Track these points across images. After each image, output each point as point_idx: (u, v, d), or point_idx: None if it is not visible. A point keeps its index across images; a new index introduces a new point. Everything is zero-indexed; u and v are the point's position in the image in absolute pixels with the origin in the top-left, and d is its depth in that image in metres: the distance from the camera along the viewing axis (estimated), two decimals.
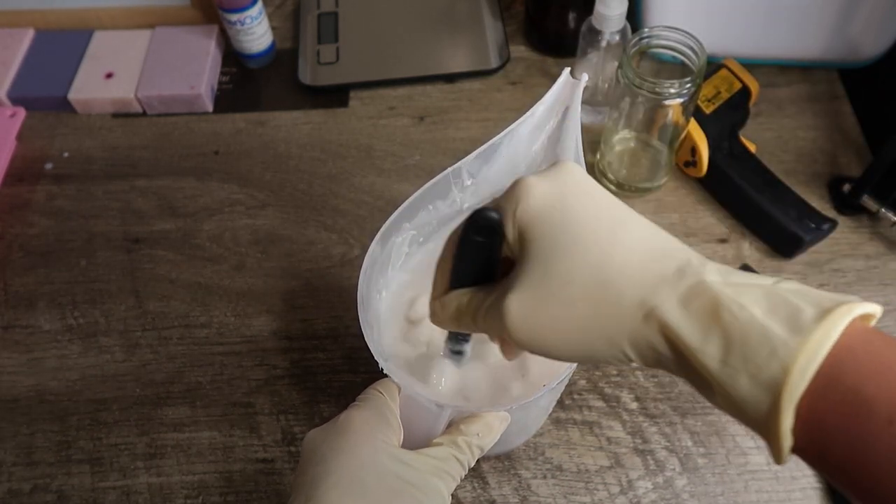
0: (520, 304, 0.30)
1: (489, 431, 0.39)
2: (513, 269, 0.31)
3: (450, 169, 0.46)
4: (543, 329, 0.29)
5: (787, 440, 0.25)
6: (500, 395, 0.48)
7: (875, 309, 0.26)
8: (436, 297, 0.36)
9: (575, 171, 0.31)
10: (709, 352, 0.26)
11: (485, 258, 0.33)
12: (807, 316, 0.25)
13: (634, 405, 0.54)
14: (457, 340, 0.40)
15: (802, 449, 0.25)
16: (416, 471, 0.36)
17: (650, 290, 0.28)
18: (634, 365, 0.56)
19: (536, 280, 0.29)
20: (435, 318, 0.36)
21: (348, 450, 0.35)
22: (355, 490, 0.34)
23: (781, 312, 0.26)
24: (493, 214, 0.31)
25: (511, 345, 0.36)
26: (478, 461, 0.52)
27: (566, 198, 0.30)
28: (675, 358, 0.28)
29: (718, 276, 0.27)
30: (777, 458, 0.26)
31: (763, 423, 0.26)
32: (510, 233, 0.31)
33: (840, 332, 0.25)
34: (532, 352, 0.31)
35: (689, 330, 0.27)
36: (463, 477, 0.39)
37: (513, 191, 0.31)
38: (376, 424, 0.37)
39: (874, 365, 0.24)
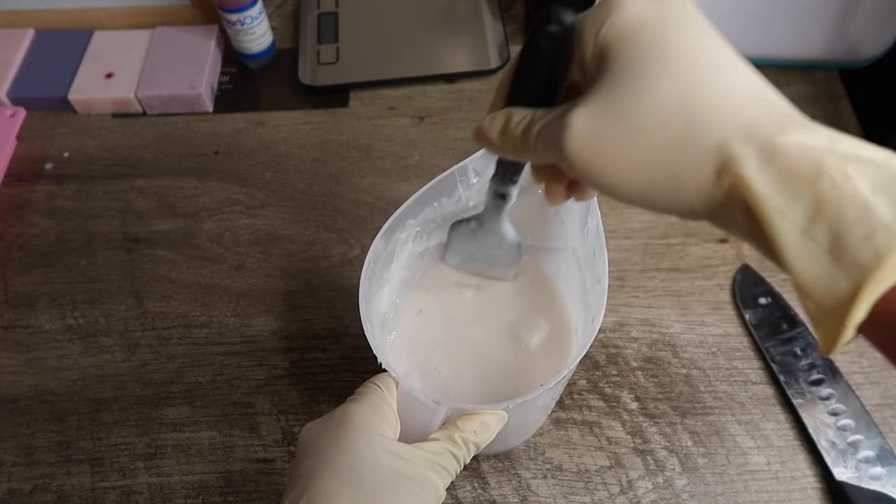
0: (586, 121, 0.26)
1: (486, 429, 0.39)
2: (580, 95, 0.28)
3: (456, 166, 0.46)
4: (605, 156, 0.26)
5: (848, 334, 0.22)
6: (498, 392, 0.48)
7: None
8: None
9: None
10: (791, 216, 0.23)
11: (548, 73, 0.29)
12: None
13: (634, 405, 0.55)
14: (504, 179, 0.37)
15: (880, 337, 0.23)
16: (412, 464, 0.36)
17: (741, 134, 0.24)
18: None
19: (611, 99, 0.26)
20: (480, 135, 0.33)
21: (345, 442, 0.35)
22: (351, 482, 0.34)
23: (892, 193, 0.22)
24: (568, 17, 0.27)
25: (557, 185, 0.33)
26: (478, 461, 0.52)
27: (666, 16, 0.26)
28: (746, 218, 0.24)
29: (825, 139, 0.24)
30: (828, 347, 0.23)
31: (828, 310, 0.23)
32: (589, 49, 0.27)
33: None
34: (586, 180, 0.27)
35: (771, 187, 0.23)
36: (458, 472, 0.39)
37: (602, 7, 0.27)
38: (373, 418, 0.37)
39: None
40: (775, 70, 0.73)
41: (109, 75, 0.73)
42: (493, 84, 0.74)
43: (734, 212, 0.25)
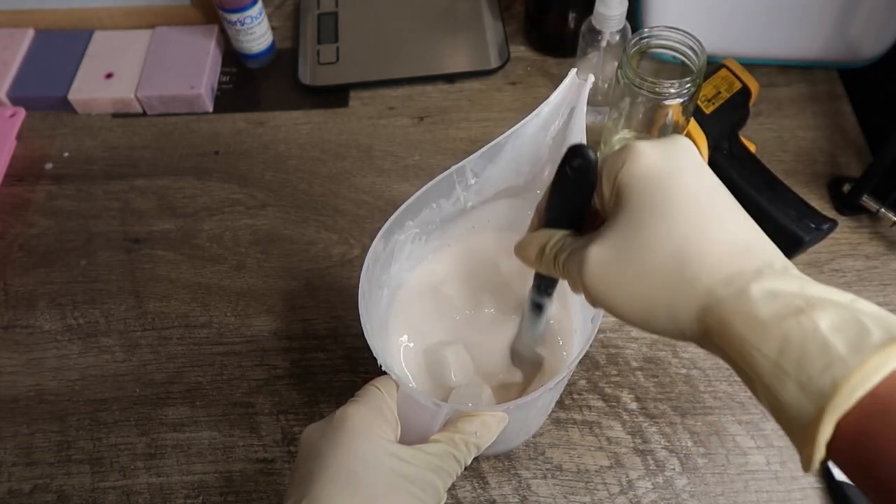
0: (599, 257, 0.31)
1: (487, 430, 0.40)
2: (602, 224, 0.32)
3: (454, 167, 0.46)
4: (614, 287, 0.30)
5: (820, 452, 0.25)
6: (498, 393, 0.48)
7: None
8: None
9: (687, 148, 0.32)
10: (764, 350, 0.27)
11: (574, 198, 0.34)
12: (873, 338, 0.25)
13: (634, 405, 0.54)
14: (539, 291, 0.41)
15: (844, 459, 0.26)
16: (413, 466, 0.36)
17: (723, 281, 0.28)
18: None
19: (621, 239, 0.30)
20: (520, 251, 0.37)
21: (345, 444, 0.35)
22: (351, 485, 0.34)
23: (849, 330, 0.26)
24: (591, 153, 0.31)
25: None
26: (478, 461, 0.52)
27: (672, 170, 0.31)
28: (729, 351, 0.28)
29: (796, 285, 0.28)
30: (806, 466, 0.26)
31: (800, 431, 0.26)
32: (607, 189, 0.32)
33: None
34: (598, 305, 0.32)
35: (747, 326, 0.27)
36: (459, 475, 0.39)
37: (622, 152, 0.31)
38: (373, 420, 0.37)
39: None
40: (775, 70, 0.73)
41: (109, 75, 0.73)
42: (493, 84, 0.74)
43: (718, 342, 0.29)
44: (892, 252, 0.62)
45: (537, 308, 0.43)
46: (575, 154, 0.31)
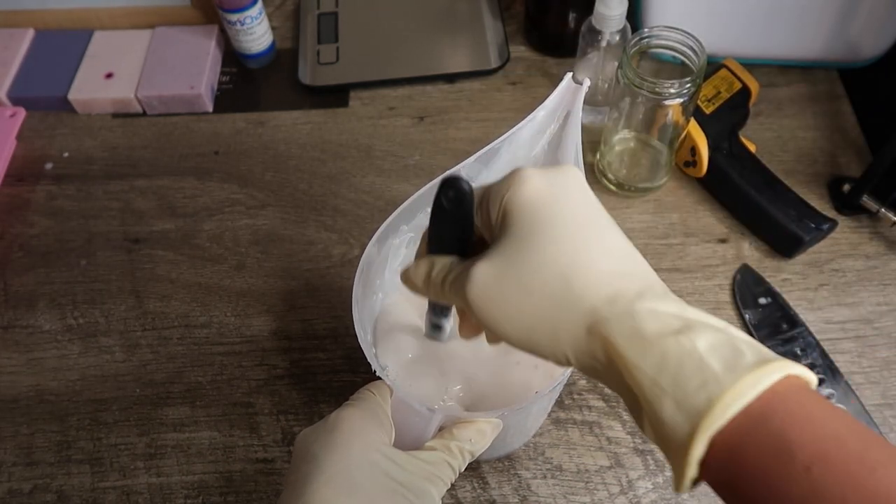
0: (485, 274, 0.31)
1: (482, 437, 0.40)
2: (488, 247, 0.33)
3: (449, 172, 0.46)
4: (498, 306, 0.30)
5: (692, 469, 0.26)
6: (495, 398, 0.48)
7: (811, 377, 0.27)
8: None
9: (574, 176, 0.33)
10: (643, 367, 0.27)
11: (455, 226, 0.34)
12: (746, 360, 0.26)
13: None
14: (436, 312, 0.41)
15: (716, 478, 0.26)
16: (408, 473, 0.36)
17: (607, 300, 0.29)
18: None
19: (506, 257, 0.30)
20: (406, 279, 0.37)
21: (340, 448, 0.35)
22: (346, 487, 0.34)
23: (723, 352, 0.27)
24: (463, 184, 0.32)
25: (468, 321, 0.38)
26: (478, 461, 0.52)
27: (557, 197, 0.31)
28: (610, 371, 0.29)
29: (675, 307, 0.29)
30: (678, 485, 0.27)
31: (675, 449, 0.27)
32: (494, 213, 0.32)
33: (774, 380, 0.25)
34: (483, 324, 0.32)
35: (629, 343, 0.28)
36: (453, 481, 0.39)
37: (509, 177, 0.32)
38: (368, 423, 0.37)
39: (802, 414, 0.25)
40: (775, 70, 0.73)
41: (109, 75, 0.73)
42: (493, 84, 0.74)
43: (599, 364, 0.29)
44: (892, 252, 0.62)
45: (437, 328, 0.42)
46: (448, 185, 0.32)
